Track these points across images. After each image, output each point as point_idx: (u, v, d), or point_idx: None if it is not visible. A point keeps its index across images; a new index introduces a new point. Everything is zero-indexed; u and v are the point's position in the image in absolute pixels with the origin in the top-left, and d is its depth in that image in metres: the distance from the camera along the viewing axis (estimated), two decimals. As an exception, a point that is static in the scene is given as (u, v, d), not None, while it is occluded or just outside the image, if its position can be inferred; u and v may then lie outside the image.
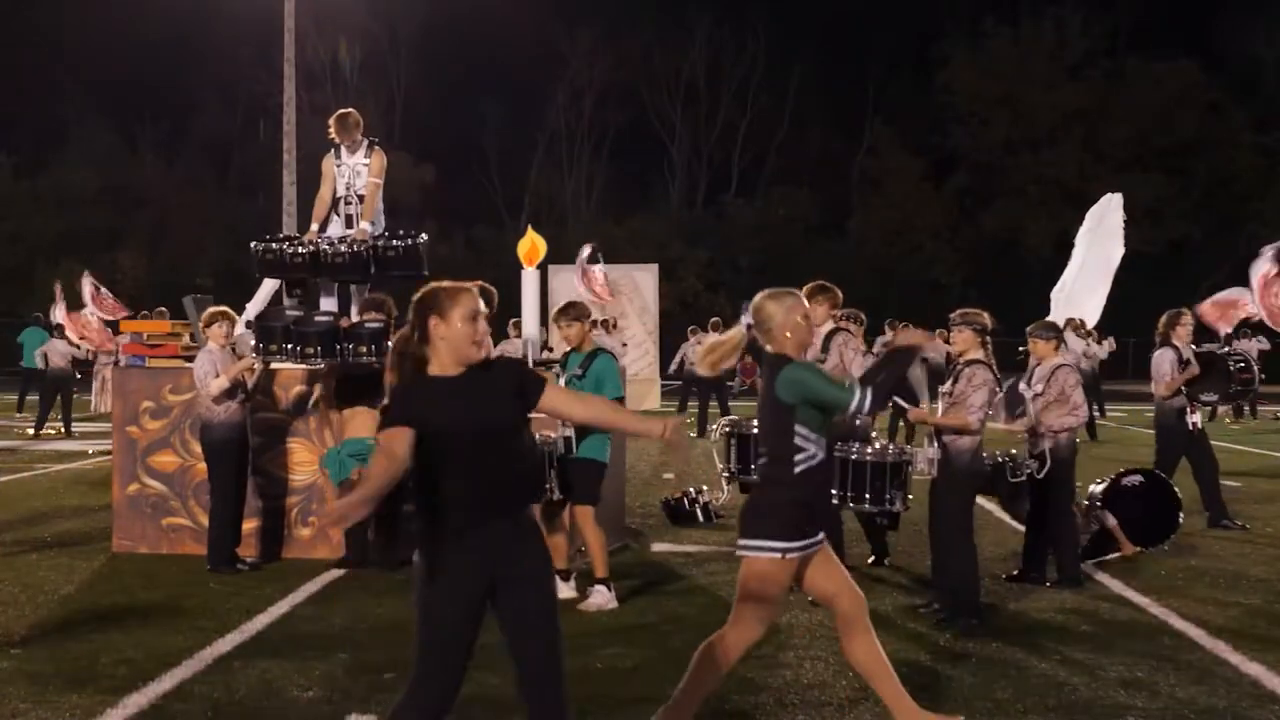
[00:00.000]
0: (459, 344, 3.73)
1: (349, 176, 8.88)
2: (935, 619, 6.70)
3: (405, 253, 8.49)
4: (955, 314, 7.00)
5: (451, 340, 3.73)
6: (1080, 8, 46.42)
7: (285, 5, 25.22)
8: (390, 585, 7.63)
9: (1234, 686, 5.53)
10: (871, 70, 50.34)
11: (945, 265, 46.79)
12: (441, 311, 3.73)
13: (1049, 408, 7.73)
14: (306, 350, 8.01)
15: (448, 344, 3.73)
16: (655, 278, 25.90)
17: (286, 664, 5.74)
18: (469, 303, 3.77)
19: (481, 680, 5.56)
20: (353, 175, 8.88)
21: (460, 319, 3.73)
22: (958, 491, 6.73)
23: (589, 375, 7.12)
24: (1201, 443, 9.98)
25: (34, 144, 46.79)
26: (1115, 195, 10.90)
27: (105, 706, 5.14)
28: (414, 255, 8.50)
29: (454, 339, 3.73)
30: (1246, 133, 45.73)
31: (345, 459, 8.01)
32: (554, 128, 52.41)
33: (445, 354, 3.74)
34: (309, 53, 45.61)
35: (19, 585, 7.53)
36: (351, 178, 8.88)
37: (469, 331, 3.75)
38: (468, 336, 3.74)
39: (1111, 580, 7.87)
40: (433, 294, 3.78)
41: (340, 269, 8.57)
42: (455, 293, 3.78)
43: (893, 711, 4.64)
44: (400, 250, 8.49)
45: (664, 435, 3.89)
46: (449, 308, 3.74)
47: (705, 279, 45.32)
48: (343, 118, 8.92)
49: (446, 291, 3.79)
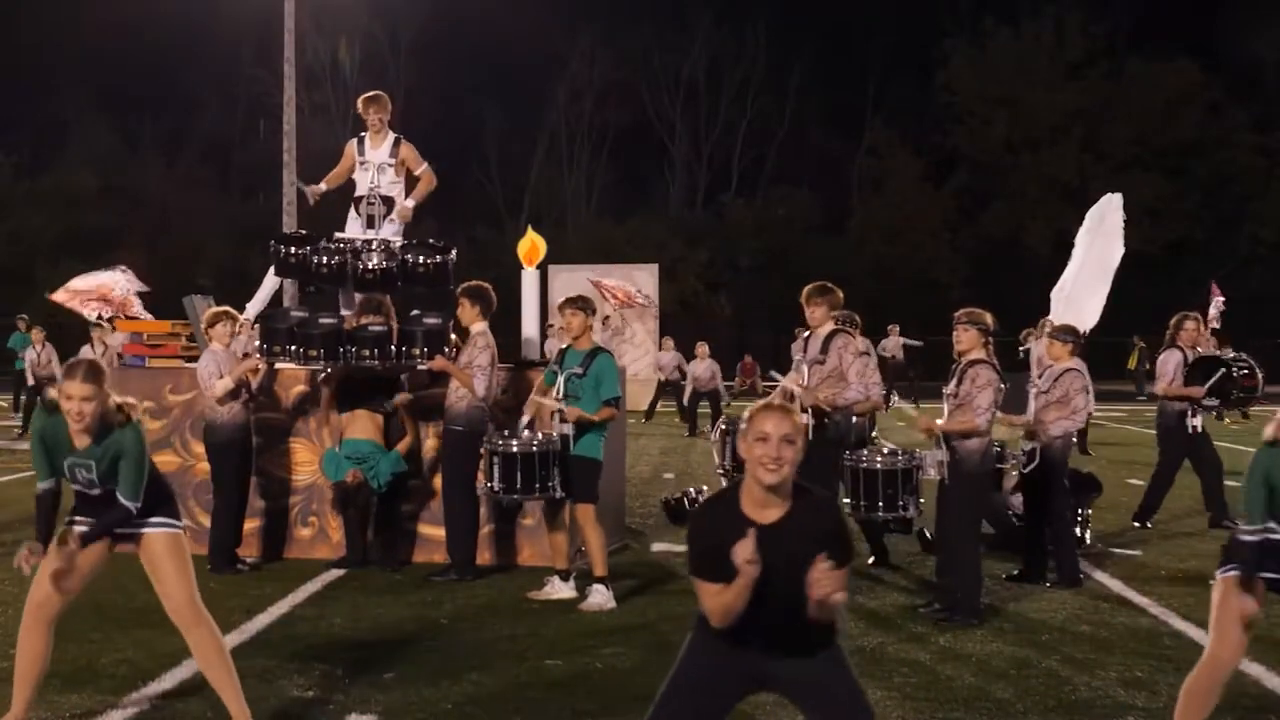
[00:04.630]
0: None
1: (372, 174, 8.65)
2: (935, 619, 6.70)
3: (434, 269, 8.34)
4: (959, 313, 7.00)
5: None
6: (1080, 8, 46.36)
7: (285, 5, 25.19)
8: (390, 585, 7.64)
9: (1234, 686, 5.52)
10: (871, 70, 50.32)
11: (945, 265, 46.73)
12: None
13: (1049, 407, 7.74)
14: (310, 352, 7.99)
15: None
16: (655, 278, 25.94)
17: (286, 664, 5.74)
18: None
19: (480, 681, 5.57)
20: (377, 173, 8.64)
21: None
22: (967, 492, 6.73)
23: (589, 374, 7.12)
24: (1204, 444, 9.99)
25: (34, 144, 46.78)
26: (1115, 195, 10.87)
27: (105, 706, 5.14)
28: (443, 271, 8.37)
29: None
30: (1246, 133, 45.66)
31: (343, 460, 8.01)
32: (554, 128, 52.34)
33: None
34: (309, 53, 45.60)
35: (19, 585, 7.50)
36: (375, 175, 8.64)
37: None
38: None
39: (1111, 580, 7.87)
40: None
41: (369, 284, 8.40)
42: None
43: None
44: (430, 267, 8.33)
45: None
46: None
47: (705, 279, 45.27)
48: (375, 96, 8.73)
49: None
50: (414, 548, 8.40)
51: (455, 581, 7.66)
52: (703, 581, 3.48)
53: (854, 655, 6.00)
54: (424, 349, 7.90)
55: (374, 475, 7.97)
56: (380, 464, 7.99)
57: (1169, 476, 10.11)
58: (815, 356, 7.34)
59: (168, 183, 48.71)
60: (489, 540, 8.25)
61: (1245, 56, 45.51)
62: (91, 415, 4.54)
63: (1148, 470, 11.50)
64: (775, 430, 3.39)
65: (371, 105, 8.68)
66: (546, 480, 7.13)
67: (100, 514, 4.71)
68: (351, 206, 8.78)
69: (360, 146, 8.74)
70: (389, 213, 8.66)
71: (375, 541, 8.24)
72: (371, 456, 7.99)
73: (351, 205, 8.78)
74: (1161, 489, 10.11)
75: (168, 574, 4.75)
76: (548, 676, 5.65)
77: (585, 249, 38.28)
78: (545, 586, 7.34)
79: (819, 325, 7.42)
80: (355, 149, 8.76)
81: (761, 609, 3.42)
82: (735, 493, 3.51)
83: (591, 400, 7.10)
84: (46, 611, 4.77)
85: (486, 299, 7.93)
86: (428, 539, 8.37)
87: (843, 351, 7.29)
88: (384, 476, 8.00)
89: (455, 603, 7.18)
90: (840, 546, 3.43)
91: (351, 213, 8.77)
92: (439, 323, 7.97)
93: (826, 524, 3.47)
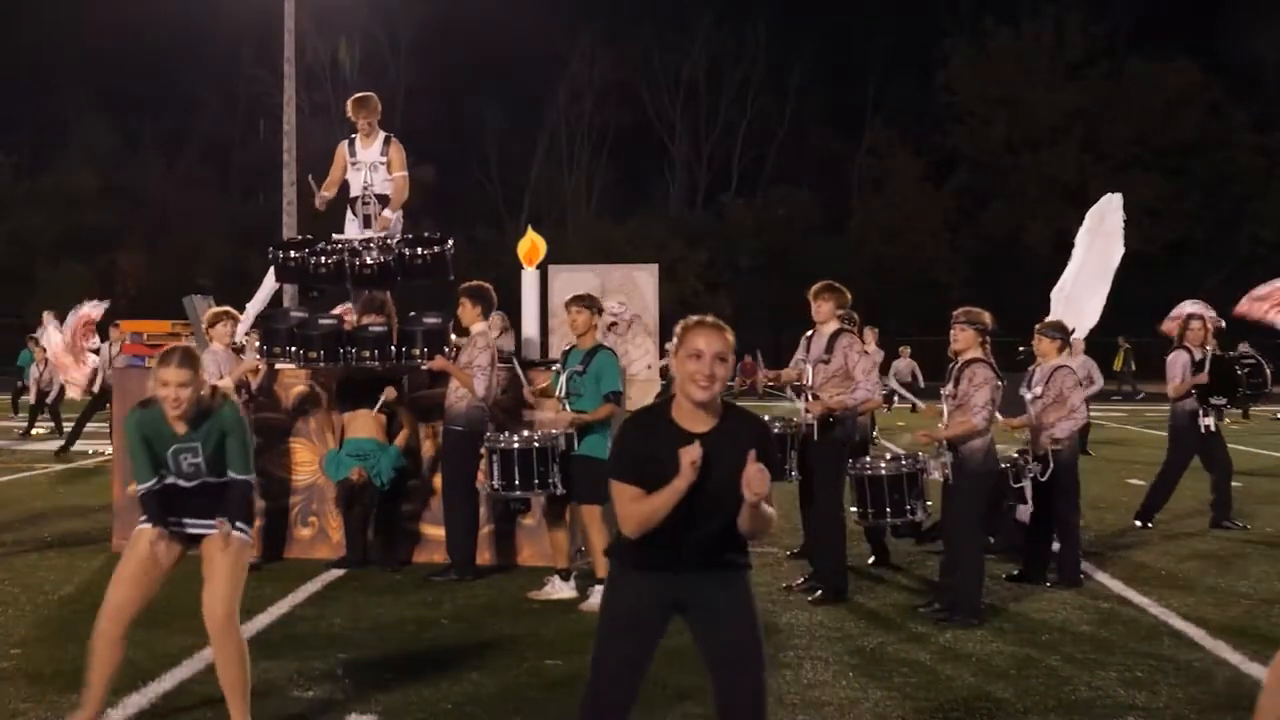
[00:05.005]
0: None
1: (365, 174, 8.64)
2: (935, 619, 6.70)
3: (433, 260, 8.34)
4: (957, 313, 6.99)
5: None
6: (1080, 8, 46.40)
7: (285, 5, 25.21)
8: (390, 585, 7.63)
9: (1234, 686, 5.53)
10: (871, 70, 50.37)
11: (945, 265, 46.77)
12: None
13: (1047, 410, 7.73)
14: (310, 353, 7.99)
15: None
16: (655, 278, 25.91)
17: (286, 664, 5.74)
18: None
19: (480, 681, 5.57)
20: (369, 172, 8.63)
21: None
22: (972, 491, 6.73)
23: (590, 371, 7.12)
24: (1215, 444, 10.00)
25: (34, 144, 46.82)
26: (1115, 195, 10.88)
27: (105, 706, 5.14)
28: (441, 262, 8.37)
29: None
30: (1246, 133, 45.73)
31: (344, 459, 8.01)
32: (554, 128, 52.39)
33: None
34: (309, 53, 45.63)
35: (19, 585, 7.53)
36: (368, 174, 8.63)
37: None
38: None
39: (1111, 580, 7.87)
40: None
41: (368, 281, 8.40)
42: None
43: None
44: (427, 259, 8.33)
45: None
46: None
47: (705, 279, 45.31)
48: (364, 99, 8.71)
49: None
50: (414, 548, 8.40)
51: (455, 581, 7.66)
52: (624, 484, 3.46)
53: (854, 655, 6.02)
54: (424, 349, 7.90)
55: (377, 474, 7.97)
56: (381, 461, 8.00)
57: (1175, 477, 10.09)
58: (820, 356, 7.34)
59: (168, 183, 48.76)
60: (489, 540, 8.26)
61: (1245, 56, 45.56)
62: (188, 401, 4.52)
63: (1147, 470, 11.51)
64: (708, 347, 3.39)
65: (360, 108, 8.69)
66: (546, 476, 7.12)
67: (193, 510, 4.66)
68: (348, 208, 8.80)
69: (351, 148, 8.75)
70: (384, 210, 8.67)
71: (375, 541, 8.24)
72: (373, 454, 8.00)
73: (348, 207, 8.79)
74: (1166, 489, 10.09)
75: (220, 577, 4.66)
76: (548, 676, 5.65)
77: (585, 249, 38.32)
78: (545, 586, 7.33)
79: (824, 321, 7.42)
80: (346, 151, 8.77)
81: (686, 522, 3.42)
82: (666, 406, 3.52)
83: (593, 397, 7.10)
84: (125, 614, 4.70)
85: (487, 299, 7.93)
86: (428, 539, 8.37)
87: (848, 351, 7.28)
88: (386, 474, 8.00)
89: (455, 603, 7.18)
90: (769, 451, 3.43)
91: (349, 214, 8.79)
92: (439, 323, 7.98)
93: (755, 431, 3.47)
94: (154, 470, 4.64)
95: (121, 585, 4.71)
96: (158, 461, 4.64)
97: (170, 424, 4.60)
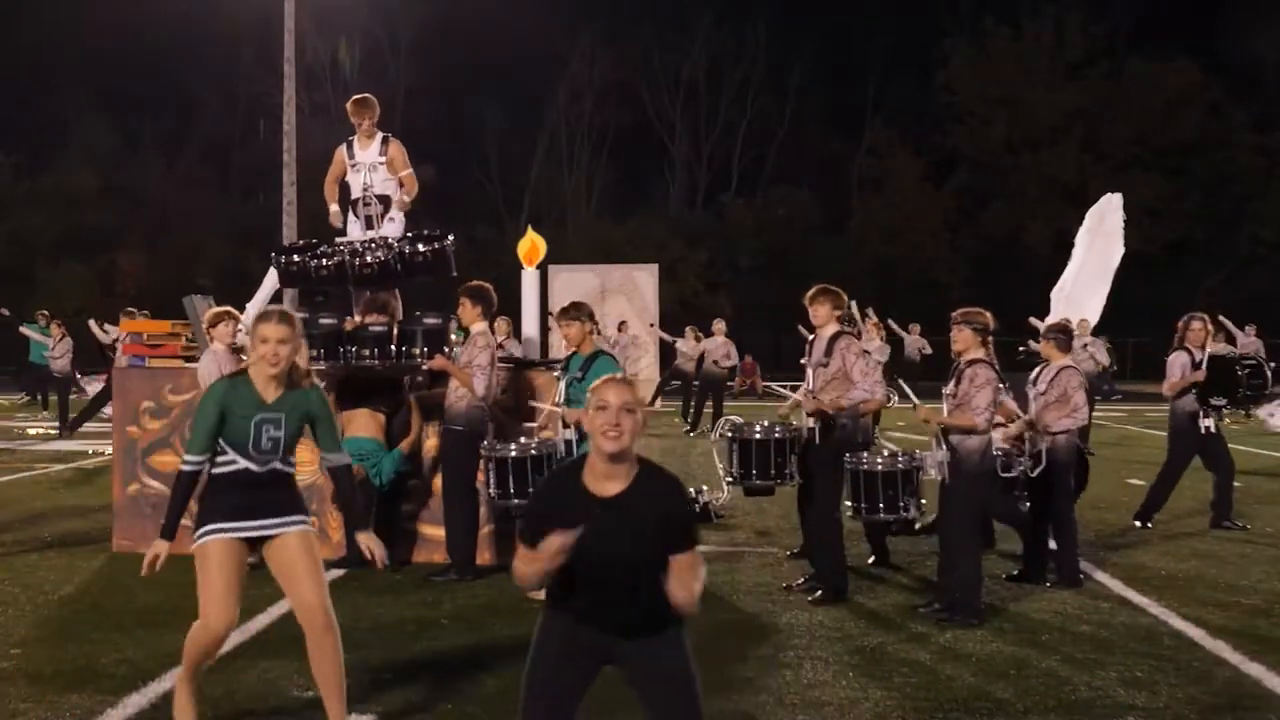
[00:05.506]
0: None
1: (365, 175, 8.60)
2: (935, 619, 6.71)
3: (434, 256, 8.32)
4: (956, 313, 7.00)
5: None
6: (1080, 8, 46.38)
7: (285, 5, 25.21)
8: (390, 585, 7.63)
9: (1234, 686, 5.53)
10: (871, 70, 50.34)
11: (945, 265, 46.75)
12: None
13: (1049, 408, 7.75)
14: (309, 352, 7.98)
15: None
16: (655, 278, 25.92)
17: (286, 664, 5.74)
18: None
19: (480, 681, 5.57)
20: (369, 173, 8.59)
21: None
22: (968, 491, 6.73)
23: (588, 376, 7.12)
24: (1217, 445, 9.99)
25: (34, 144, 46.77)
26: (1115, 195, 10.92)
27: (105, 706, 5.14)
28: (443, 258, 8.35)
29: None
30: (1246, 133, 45.69)
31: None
32: (554, 128, 52.35)
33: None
34: (309, 53, 45.61)
35: (19, 585, 7.53)
36: (368, 175, 8.59)
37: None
38: None
39: (1111, 580, 7.87)
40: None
41: (369, 280, 8.38)
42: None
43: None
44: (428, 255, 8.31)
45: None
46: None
47: (705, 279, 45.29)
48: (363, 100, 8.67)
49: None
50: (414, 548, 8.40)
51: (455, 581, 7.66)
52: (521, 543, 3.53)
53: (854, 655, 6.02)
54: (424, 349, 7.91)
55: (376, 473, 7.97)
56: (383, 461, 8.00)
57: (1175, 477, 10.09)
58: (819, 360, 7.35)
59: (168, 183, 48.72)
60: (489, 540, 8.25)
61: (1245, 56, 45.52)
62: (286, 359, 4.47)
63: (1147, 470, 11.51)
64: (616, 399, 3.48)
65: (359, 109, 8.68)
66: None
67: (265, 507, 4.53)
68: (349, 210, 8.77)
69: (349, 150, 8.72)
70: (386, 211, 8.64)
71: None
72: (373, 454, 8.00)
73: (349, 209, 8.77)
74: (1166, 489, 10.09)
75: (304, 573, 4.52)
76: (548, 676, 5.64)
77: (585, 249, 38.32)
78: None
79: (822, 325, 7.43)
80: (345, 153, 8.74)
81: (601, 586, 3.48)
82: (580, 464, 3.57)
83: (592, 401, 7.10)
84: (220, 645, 4.63)
85: (487, 299, 7.93)
86: (428, 539, 8.37)
87: (845, 353, 7.29)
88: (387, 474, 8.00)
89: (455, 603, 7.18)
90: (681, 527, 3.48)
91: (350, 216, 8.74)
92: (439, 322, 7.98)
93: (669, 501, 3.51)
94: (206, 446, 4.47)
95: (220, 604, 4.54)
96: (213, 441, 4.47)
97: (259, 391, 4.50)
